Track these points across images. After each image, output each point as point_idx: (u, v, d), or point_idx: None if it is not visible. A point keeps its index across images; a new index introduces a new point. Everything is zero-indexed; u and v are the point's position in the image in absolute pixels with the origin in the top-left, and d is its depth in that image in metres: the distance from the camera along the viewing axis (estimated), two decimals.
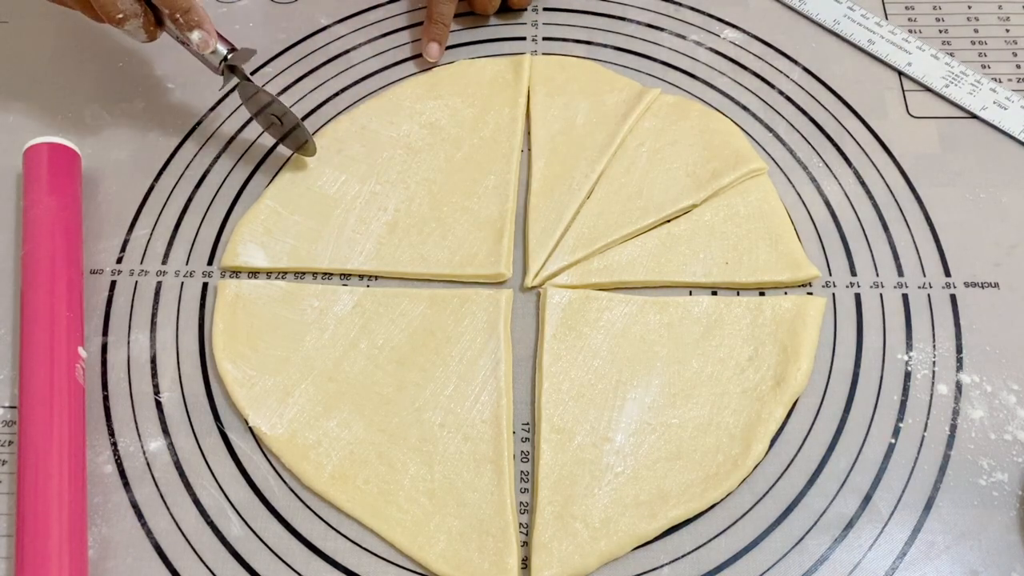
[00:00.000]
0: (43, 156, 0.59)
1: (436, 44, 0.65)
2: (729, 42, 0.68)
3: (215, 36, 0.54)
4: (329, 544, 0.49)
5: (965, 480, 0.50)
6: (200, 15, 0.53)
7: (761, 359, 0.53)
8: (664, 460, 0.50)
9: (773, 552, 0.48)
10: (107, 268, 0.59)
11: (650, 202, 0.59)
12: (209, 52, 0.54)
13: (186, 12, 0.52)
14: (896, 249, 0.58)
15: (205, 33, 0.53)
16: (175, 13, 0.51)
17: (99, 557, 0.49)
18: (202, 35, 0.52)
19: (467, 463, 0.51)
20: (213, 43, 0.54)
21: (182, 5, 0.51)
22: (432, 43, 0.65)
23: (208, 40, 0.53)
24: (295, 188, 0.60)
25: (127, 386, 0.54)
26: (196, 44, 0.53)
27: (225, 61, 0.55)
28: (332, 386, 0.53)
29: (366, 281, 0.58)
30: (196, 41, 0.53)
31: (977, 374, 0.53)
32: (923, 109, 0.64)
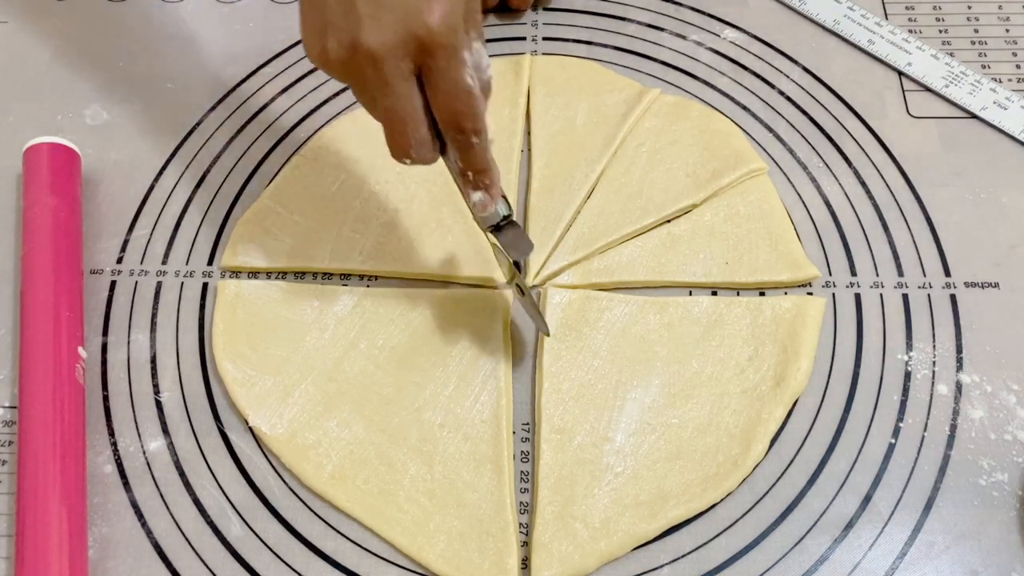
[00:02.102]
0: (43, 156, 0.59)
1: None
2: (729, 42, 0.68)
3: (497, 200, 0.49)
4: (329, 544, 0.49)
5: (965, 480, 0.50)
6: (492, 179, 0.48)
7: (761, 359, 0.53)
8: (664, 460, 0.50)
9: (773, 552, 0.48)
10: (107, 268, 0.59)
11: (650, 202, 0.59)
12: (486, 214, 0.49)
13: (480, 173, 0.47)
14: (896, 249, 0.58)
15: (487, 198, 0.48)
16: (468, 171, 0.47)
17: (99, 557, 0.49)
18: (483, 198, 0.48)
19: (467, 463, 0.51)
20: (492, 208, 0.49)
21: (479, 167, 0.47)
22: None
23: (487, 204, 0.48)
24: (295, 188, 0.60)
25: (127, 386, 0.54)
26: (474, 204, 0.48)
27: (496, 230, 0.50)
28: (332, 386, 0.53)
29: (366, 281, 0.58)
30: (475, 201, 0.48)
31: (977, 374, 0.53)
32: (923, 109, 0.64)
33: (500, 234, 0.50)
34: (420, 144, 0.45)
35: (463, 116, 0.44)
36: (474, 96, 0.44)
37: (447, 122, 0.44)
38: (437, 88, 0.43)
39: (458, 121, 0.44)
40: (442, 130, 0.45)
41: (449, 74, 0.43)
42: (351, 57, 0.42)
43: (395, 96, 0.43)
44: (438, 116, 0.44)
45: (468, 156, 0.46)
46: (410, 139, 0.45)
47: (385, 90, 0.43)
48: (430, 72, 0.43)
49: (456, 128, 0.45)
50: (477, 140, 0.45)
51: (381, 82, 0.43)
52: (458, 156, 0.46)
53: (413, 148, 0.45)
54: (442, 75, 0.43)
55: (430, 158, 0.46)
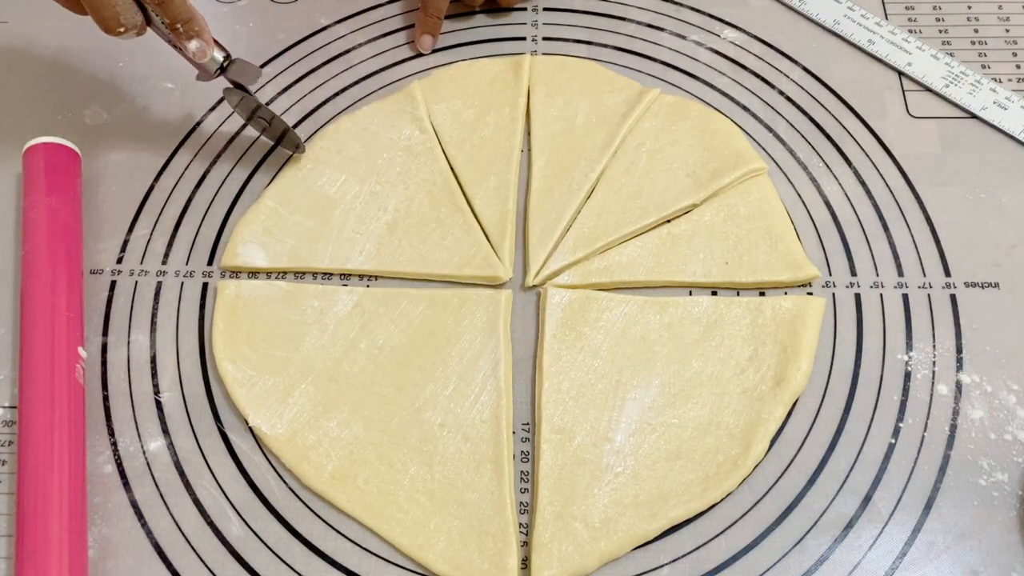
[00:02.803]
0: (43, 156, 0.59)
1: (430, 36, 0.66)
2: (729, 42, 0.68)
3: (212, 45, 0.54)
4: (329, 544, 0.49)
5: (965, 480, 0.50)
6: (200, 24, 0.52)
7: (761, 359, 0.53)
8: (664, 460, 0.50)
9: (773, 552, 0.48)
10: (107, 268, 0.59)
11: (650, 202, 0.59)
12: (206, 60, 0.54)
13: (187, 22, 0.51)
14: (896, 249, 0.58)
15: (203, 43, 0.52)
16: (176, 23, 0.51)
17: (99, 557, 0.49)
18: (200, 45, 0.52)
19: (467, 463, 0.51)
20: (211, 53, 0.53)
21: (183, 16, 0.51)
22: (426, 35, 0.66)
23: (205, 50, 0.53)
24: (295, 188, 0.60)
25: (127, 386, 0.54)
26: (193, 53, 0.53)
27: (222, 71, 0.56)
28: (332, 386, 0.53)
29: (366, 281, 0.58)
30: (193, 50, 0.52)
31: (977, 374, 0.53)
32: (923, 109, 0.64)
33: (228, 72, 0.56)
34: (125, 9, 0.50)
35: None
36: None
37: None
38: None
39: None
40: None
41: None
42: None
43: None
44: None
45: (170, 9, 0.50)
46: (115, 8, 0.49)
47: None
48: None
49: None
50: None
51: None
52: (160, 12, 0.50)
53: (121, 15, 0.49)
54: None
55: (138, 20, 0.51)
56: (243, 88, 0.57)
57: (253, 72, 0.57)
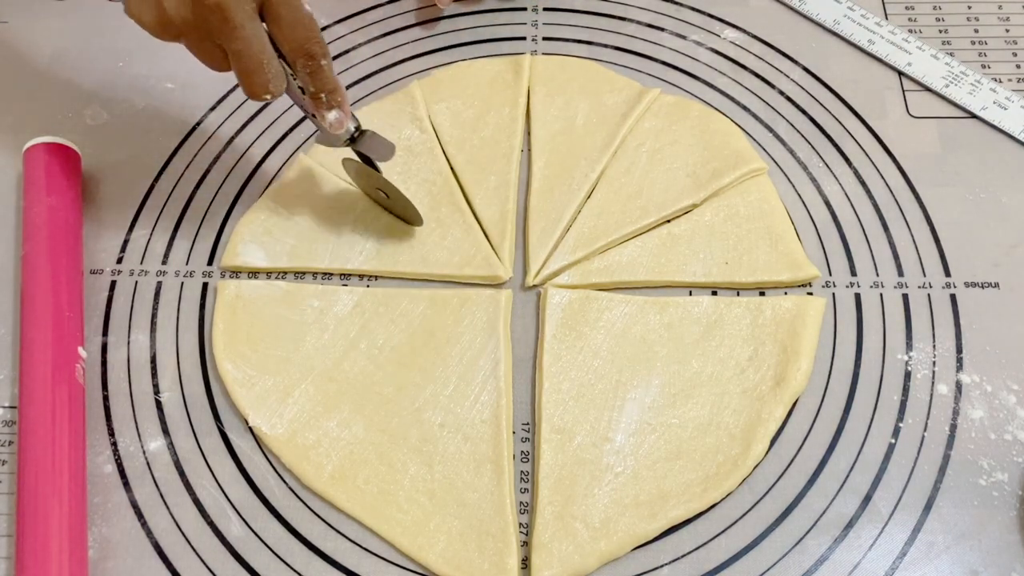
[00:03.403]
0: (43, 156, 0.59)
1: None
2: (729, 42, 0.68)
3: (349, 116, 0.52)
4: (329, 544, 0.49)
5: (965, 480, 0.50)
6: (343, 95, 0.51)
7: (761, 359, 0.53)
8: (664, 460, 0.50)
9: (773, 552, 0.48)
10: (107, 268, 0.59)
11: (650, 202, 0.59)
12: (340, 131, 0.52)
13: (331, 92, 0.50)
14: (896, 249, 0.58)
15: (342, 114, 0.51)
16: (320, 93, 0.50)
17: (99, 557, 0.49)
18: (339, 115, 0.51)
19: (467, 463, 0.51)
20: (347, 124, 0.52)
21: (329, 85, 0.50)
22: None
23: (343, 120, 0.51)
24: (295, 188, 0.60)
25: (127, 386, 0.54)
26: (330, 123, 0.51)
27: (351, 141, 0.53)
28: (332, 386, 0.53)
29: (366, 281, 0.58)
30: (331, 120, 0.51)
31: (977, 374, 0.53)
32: (923, 109, 0.64)
33: (359, 144, 0.53)
34: (277, 76, 0.48)
35: (310, 42, 0.47)
36: (315, 22, 0.47)
37: (296, 51, 0.47)
38: (281, 20, 0.46)
39: (306, 47, 0.47)
40: (291, 60, 0.48)
41: (291, 4, 0.46)
42: (196, 12, 0.44)
43: (245, 37, 0.45)
44: (286, 47, 0.47)
45: (319, 79, 0.49)
46: (267, 75, 0.47)
47: (235, 34, 0.45)
48: (271, 6, 0.46)
49: (305, 54, 0.48)
50: (325, 63, 0.49)
51: (229, 27, 0.45)
52: (309, 81, 0.49)
53: (271, 82, 0.48)
54: (284, 6, 0.46)
55: (283, 88, 0.49)
56: (369, 162, 0.55)
57: (387, 149, 0.54)
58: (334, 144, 0.53)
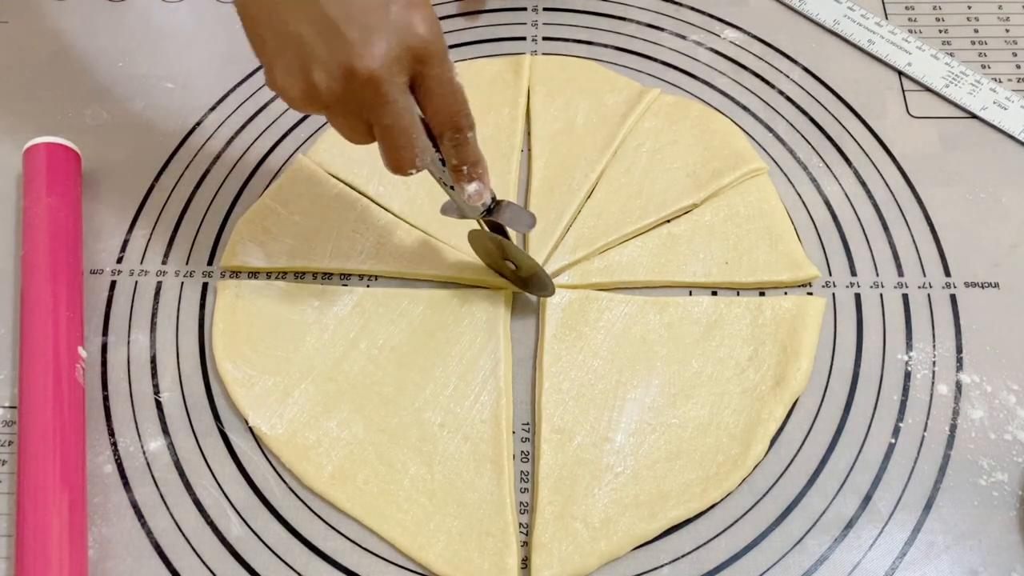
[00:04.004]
0: (43, 156, 0.59)
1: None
2: (729, 42, 0.68)
3: (488, 188, 0.49)
4: (329, 544, 0.49)
5: (965, 480, 0.50)
6: (484, 167, 0.48)
7: (761, 359, 0.53)
8: (664, 460, 0.50)
9: (773, 552, 0.48)
10: (107, 268, 0.59)
11: (650, 202, 0.59)
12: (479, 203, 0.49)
13: (474, 164, 0.47)
14: (896, 249, 0.58)
15: (482, 187, 0.48)
16: (463, 165, 0.47)
17: (99, 557, 0.49)
18: (479, 188, 0.48)
19: (467, 463, 0.51)
20: (487, 196, 0.49)
21: (472, 158, 0.47)
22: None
23: (483, 193, 0.48)
24: (295, 188, 0.60)
25: (127, 386, 0.54)
26: (469, 196, 0.48)
27: (488, 213, 0.50)
28: (332, 386, 0.53)
29: (366, 281, 0.58)
30: (470, 192, 0.48)
31: (977, 374, 0.53)
32: (923, 109, 0.64)
33: (497, 215, 0.50)
34: (424, 151, 0.46)
35: (460, 115, 0.45)
36: (465, 95, 0.45)
37: (445, 124, 0.45)
38: (433, 94, 0.44)
39: (455, 120, 0.45)
40: (438, 133, 0.46)
41: (444, 77, 0.44)
42: (346, 86, 0.42)
43: (396, 112, 0.43)
44: (434, 120, 0.45)
45: (464, 152, 0.47)
46: (415, 149, 0.45)
47: (386, 108, 0.43)
48: (424, 80, 0.43)
49: (454, 127, 0.45)
50: (471, 135, 0.46)
51: (380, 101, 0.43)
52: (453, 154, 0.47)
53: (418, 157, 0.46)
54: (437, 80, 0.44)
55: (428, 161, 0.47)
56: (502, 232, 0.52)
57: (528, 219, 0.51)
58: (467, 216, 0.51)
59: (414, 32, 0.42)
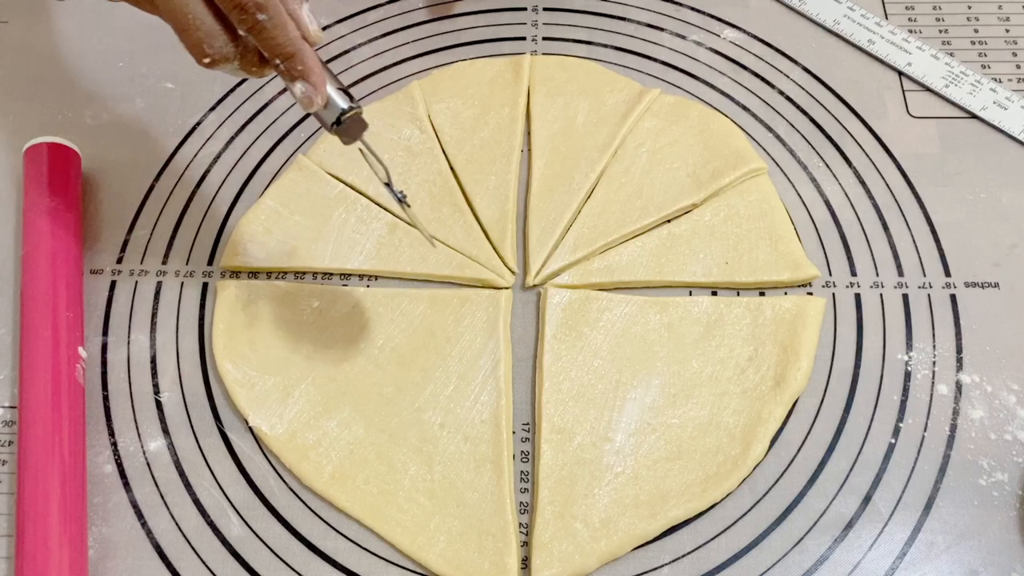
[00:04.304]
0: (43, 156, 0.59)
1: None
2: (729, 42, 0.68)
3: (323, 92, 0.43)
4: (329, 544, 0.49)
5: (965, 480, 0.50)
6: (305, 64, 0.42)
7: (761, 359, 0.53)
8: (664, 460, 0.50)
9: (773, 552, 0.48)
10: (107, 268, 0.59)
11: (650, 202, 0.59)
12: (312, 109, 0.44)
13: (288, 59, 0.42)
14: (896, 249, 0.58)
15: (309, 87, 0.42)
16: (274, 59, 0.42)
17: (99, 557, 0.49)
18: (305, 88, 0.42)
19: (467, 463, 0.51)
20: (319, 101, 0.43)
21: (284, 50, 0.41)
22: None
23: (313, 97, 0.43)
24: (295, 188, 0.60)
25: (127, 386, 0.54)
26: (297, 98, 0.43)
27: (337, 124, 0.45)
28: (332, 386, 0.53)
29: (366, 281, 0.58)
30: (298, 95, 0.43)
31: (977, 374, 0.53)
32: (923, 109, 0.64)
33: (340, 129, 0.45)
34: (209, 35, 0.41)
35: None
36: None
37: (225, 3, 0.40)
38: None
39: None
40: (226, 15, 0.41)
41: None
42: None
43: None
44: None
45: (263, 40, 0.41)
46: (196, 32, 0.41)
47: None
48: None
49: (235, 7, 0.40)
50: (264, 16, 0.41)
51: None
52: (257, 42, 0.42)
53: (205, 43, 0.41)
54: None
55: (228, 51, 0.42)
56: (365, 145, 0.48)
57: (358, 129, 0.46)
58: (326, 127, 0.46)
59: None
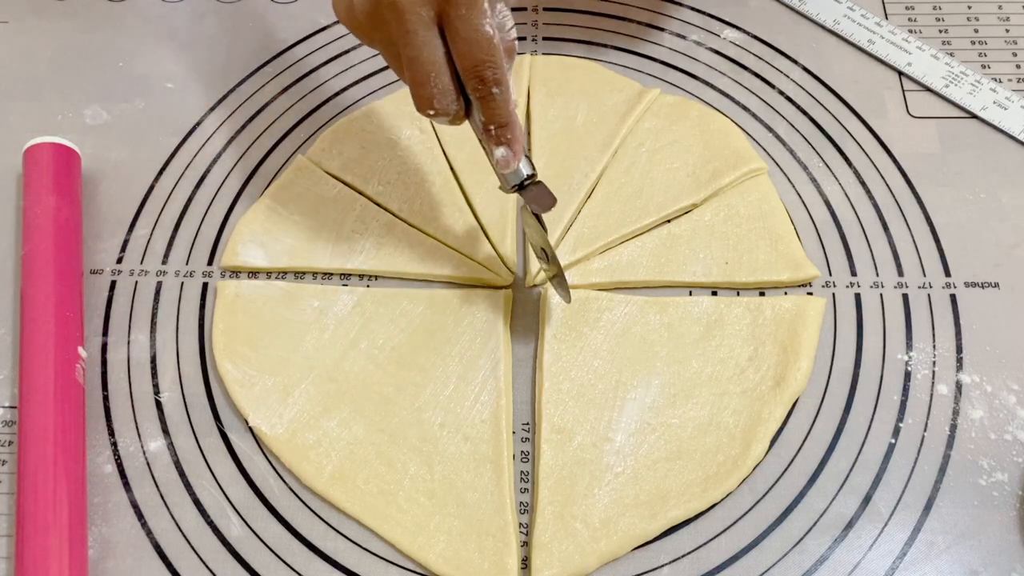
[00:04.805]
0: (43, 156, 0.59)
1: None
2: (729, 42, 0.68)
3: (520, 158, 0.48)
4: (329, 544, 0.49)
5: (965, 480, 0.50)
6: (514, 134, 0.47)
7: (761, 359, 0.53)
8: (664, 460, 0.50)
9: (773, 552, 0.48)
10: (107, 268, 0.59)
11: (650, 202, 0.59)
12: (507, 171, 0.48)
13: (502, 127, 0.46)
14: (896, 249, 0.58)
15: (511, 153, 0.47)
16: (490, 124, 0.46)
17: (99, 557, 0.49)
18: (506, 154, 0.47)
19: (467, 463, 0.51)
20: (515, 165, 0.47)
21: (502, 120, 0.46)
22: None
23: (510, 160, 0.47)
24: (295, 188, 0.60)
25: (127, 386, 0.54)
26: (496, 160, 0.47)
27: (520, 188, 0.49)
28: (332, 386, 0.53)
29: (366, 281, 0.58)
30: (498, 157, 0.47)
31: (977, 374, 0.53)
32: (923, 109, 0.64)
33: (524, 193, 0.49)
34: (442, 93, 0.45)
35: (483, 65, 0.44)
36: (495, 46, 0.44)
37: (467, 71, 0.44)
38: (457, 35, 0.43)
39: (478, 70, 0.44)
40: (463, 80, 0.45)
41: (470, 21, 0.43)
42: (375, 9, 0.43)
43: (416, 45, 0.43)
44: (459, 65, 0.44)
45: (489, 108, 0.45)
46: (432, 88, 0.44)
47: (407, 39, 0.43)
48: (449, 19, 0.43)
49: (476, 77, 0.44)
50: (497, 91, 0.45)
51: (403, 31, 0.43)
52: (481, 109, 0.46)
53: (436, 98, 0.45)
54: (463, 21, 0.43)
55: (452, 109, 0.46)
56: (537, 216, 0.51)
57: (547, 202, 0.50)
58: (504, 188, 0.50)
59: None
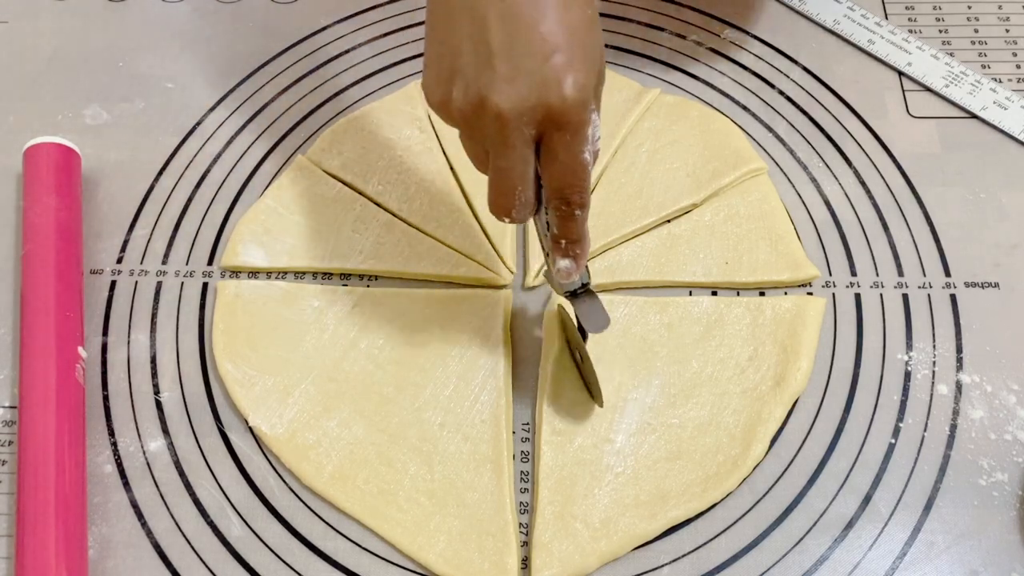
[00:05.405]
0: (43, 156, 0.59)
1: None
2: (729, 42, 0.68)
3: (582, 271, 0.48)
4: (329, 544, 0.49)
5: (965, 480, 0.50)
6: (583, 249, 0.47)
7: (761, 359, 0.53)
8: (664, 460, 0.50)
9: (773, 552, 0.48)
10: (107, 268, 0.59)
11: (650, 202, 0.59)
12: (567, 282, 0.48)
13: (574, 243, 0.46)
14: (896, 249, 0.58)
15: (575, 267, 0.47)
16: (562, 239, 0.46)
17: (99, 557, 0.49)
18: (570, 266, 0.47)
19: (467, 463, 0.51)
20: (575, 277, 0.47)
21: (575, 236, 0.46)
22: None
23: (572, 272, 0.47)
24: (295, 188, 0.60)
25: (127, 386, 0.54)
26: (558, 270, 0.47)
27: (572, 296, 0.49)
28: (332, 386, 0.53)
29: (366, 281, 0.58)
30: (560, 267, 0.47)
31: (977, 374, 0.53)
32: (923, 109, 0.64)
33: (576, 302, 0.49)
34: (524, 206, 0.45)
35: (573, 189, 0.43)
36: (588, 173, 0.43)
37: (555, 192, 0.44)
38: (555, 159, 0.42)
39: (567, 194, 0.43)
40: (547, 198, 0.44)
41: (571, 148, 0.42)
42: (476, 112, 0.41)
43: (511, 158, 0.42)
44: (548, 185, 0.44)
45: (567, 226, 0.45)
46: (516, 201, 0.44)
47: (503, 151, 0.42)
48: (550, 142, 0.42)
49: (563, 200, 0.44)
50: (580, 213, 0.45)
51: (501, 142, 0.42)
52: (557, 224, 0.45)
53: (516, 209, 0.44)
54: (563, 148, 0.42)
55: (525, 217, 0.46)
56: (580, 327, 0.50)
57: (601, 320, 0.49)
58: (556, 289, 0.50)
59: (560, 92, 0.40)
